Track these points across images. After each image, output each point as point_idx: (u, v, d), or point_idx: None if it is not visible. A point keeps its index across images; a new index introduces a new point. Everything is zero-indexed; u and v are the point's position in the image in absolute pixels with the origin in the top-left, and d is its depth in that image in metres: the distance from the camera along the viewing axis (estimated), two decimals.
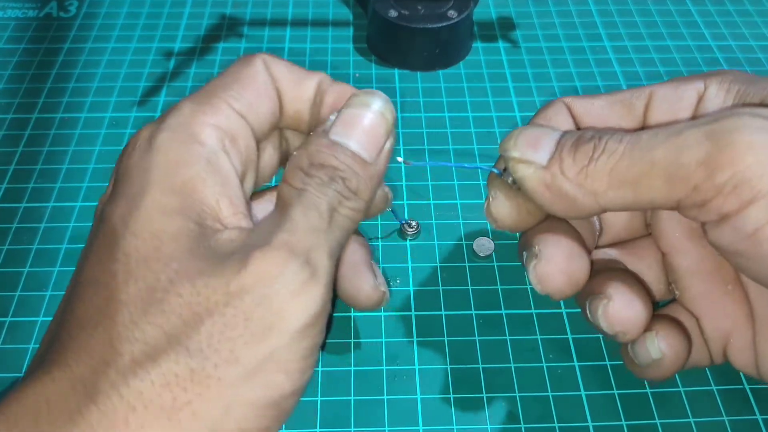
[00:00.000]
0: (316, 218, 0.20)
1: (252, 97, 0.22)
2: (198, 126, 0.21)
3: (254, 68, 0.23)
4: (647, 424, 0.27)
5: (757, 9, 0.49)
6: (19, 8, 0.48)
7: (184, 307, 0.18)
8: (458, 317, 0.31)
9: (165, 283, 0.18)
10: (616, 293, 0.24)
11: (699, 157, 0.19)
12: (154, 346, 0.17)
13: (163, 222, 0.19)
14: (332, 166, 0.21)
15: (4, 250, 0.33)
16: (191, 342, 0.17)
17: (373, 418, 0.27)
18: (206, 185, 0.20)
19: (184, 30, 0.46)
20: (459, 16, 0.42)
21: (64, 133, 0.39)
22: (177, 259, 0.18)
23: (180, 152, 0.20)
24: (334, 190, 0.20)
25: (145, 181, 0.20)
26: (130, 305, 0.18)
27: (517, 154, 0.22)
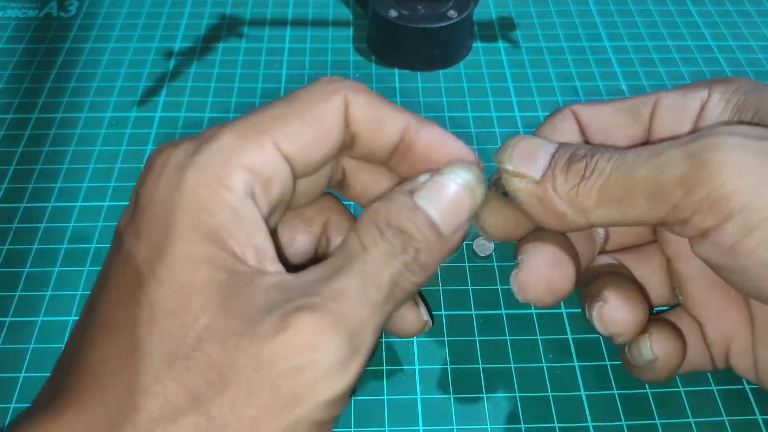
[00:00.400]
0: (374, 291, 0.19)
1: (310, 138, 0.21)
2: (230, 167, 0.19)
3: (330, 105, 0.21)
4: (647, 424, 0.27)
5: (757, 9, 0.49)
6: (19, 8, 0.48)
7: (211, 368, 0.17)
8: (458, 317, 0.31)
9: (192, 340, 0.17)
10: (611, 296, 0.25)
11: (677, 177, 0.20)
12: (175, 405, 0.17)
13: (193, 272, 0.18)
14: (409, 234, 0.20)
15: (4, 250, 0.33)
16: (213, 405, 0.17)
17: (373, 418, 0.27)
18: (231, 235, 0.19)
19: (184, 30, 0.46)
20: (459, 16, 0.42)
21: (64, 133, 0.39)
22: (207, 314, 0.18)
23: (206, 197, 0.19)
24: (401, 262, 0.20)
25: (171, 223, 0.19)
26: (154, 358, 0.17)
27: (510, 167, 0.22)
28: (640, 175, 0.20)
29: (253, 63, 0.44)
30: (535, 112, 0.41)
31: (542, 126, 0.26)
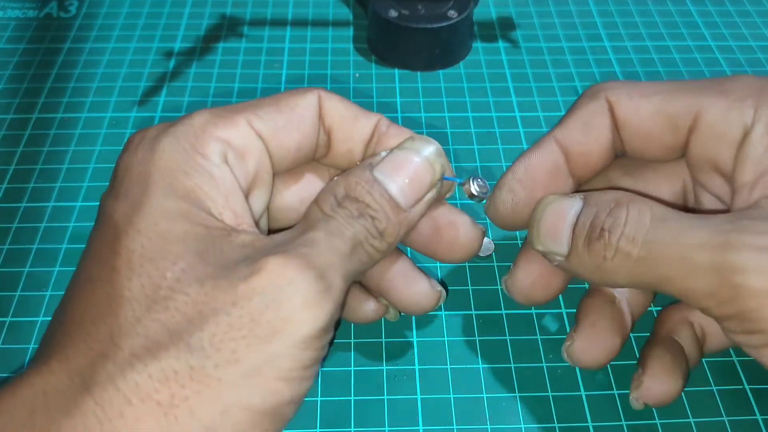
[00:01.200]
0: (339, 243, 0.20)
1: (283, 122, 0.22)
2: (203, 137, 0.20)
3: (303, 98, 0.23)
4: (647, 424, 0.27)
5: (757, 9, 0.49)
6: (19, 8, 0.48)
7: (190, 306, 0.18)
8: (458, 317, 0.31)
9: (171, 281, 0.18)
10: (578, 336, 0.26)
11: (707, 290, 0.20)
12: (155, 341, 0.17)
13: (170, 224, 0.19)
14: (365, 203, 0.21)
15: (4, 250, 0.33)
16: (193, 339, 0.17)
17: (373, 418, 0.27)
18: (208, 196, 0.20)
19: (184, 30, 0.46)
20: (459, 16, 0.42)
21: (64, 133, 0.39)
22: (184, 260, 0.18)
23: (181, 161, 0.20)
24: (361, 225, 0.20)
25: (147, 182, 0.19)
26: (134, 301, 0.18)
27: (541, 248, 0.23)
28: (669, 272, 0.20)
29: (253, 63, 0.44)
30: (535, 112, 0.41)
31: (574, 113, 0.25)
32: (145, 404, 0.17)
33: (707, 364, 0.29)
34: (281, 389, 0.18)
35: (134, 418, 0.17)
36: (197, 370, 0.17)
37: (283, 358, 0.18)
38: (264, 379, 0.17)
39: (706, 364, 0.29)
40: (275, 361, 0.18)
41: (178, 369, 0.17)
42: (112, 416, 0.17)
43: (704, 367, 0.29)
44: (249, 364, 0.17)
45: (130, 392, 0.17)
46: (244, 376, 0.17)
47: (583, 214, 0.22)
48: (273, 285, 0.18)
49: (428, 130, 0.39)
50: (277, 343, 0.18)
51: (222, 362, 0.17)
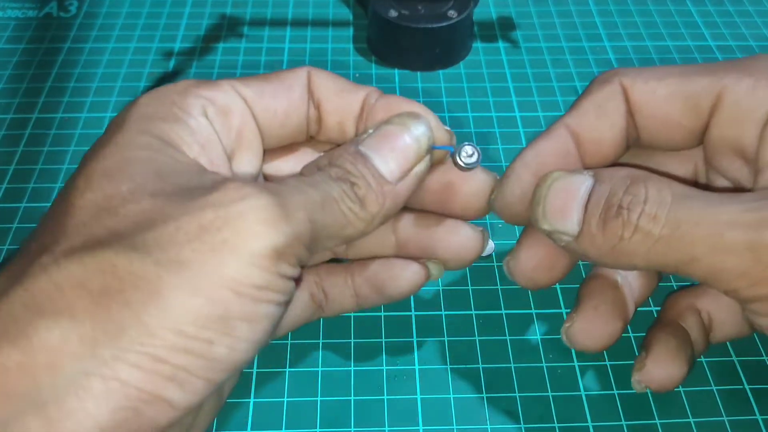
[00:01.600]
0: (310, 190, 0.19)
1: (270, 90, 0.22)
2: (184, 94, 0.21)
3: (292, 72, 0.23)
4: (647, 424, 0.27)
5: (757, 9, 0.49)
6: (19, 8, 0.48)
7: (139, 214, 0.17)
8: (458, 317, 0.31)
9: (125, 193, 0.18)
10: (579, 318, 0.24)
11: (739, 269, 0.19)
12: (98, 239, 0.17)
13: (135, 151, 0.19)
14: (346, 170, 0.21)
15: (4, 250, 0.33)
16: (137, 239, 0.17)
17: (373, 418, 0.27)
18: (183, 141, 0.20)
19: (184, 30, 0.46)
20: (459, 16, 0.42)
21: (64, 133, 0.39)
22: (143, 176, 0.18)
23: (158, 109, 0.20)
24: (338, 186, 0.20)
25: (120, 126, 0.20)
26: (83, 209, 0.18)
27: (547, 227, 0.21)
28: (698, 252, 0.19)
29: (253, 63, 0.44)
30: (535, 112, 0.41)
31: (586, 98, 0.23)
32: (76, 292, 0.16)
33: (707, 364, 0.29)
34: (229, 298, 0.17)
35: (63, 304, 0.16)
36: (136, 265, 0.16)
37: (229, 268, 0.17)
38: (208, 283, 0.17)
39: (706, 364, 0.29)
40: (221, 270, 0.17)
41: (117, 263, 0.16)
42: (40, 301, 0.16)
43: (704, 367, 0.29)
44: (193, 268, 0.17)
45: (62, 280, 0.16)
46: (187, 278, 0.17)
47: (595, 192, 0.20)
48: (227, 201, 0.17)
49: None
50: (223, 253, 0.17)
51: (164, 261, 0.17)
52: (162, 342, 0.16)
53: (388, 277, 0.25)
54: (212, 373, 0.17)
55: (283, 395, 0.28)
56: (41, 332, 0.16)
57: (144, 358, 0.16)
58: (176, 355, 0.16)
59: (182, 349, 0.16)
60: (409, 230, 0.25)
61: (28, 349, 0.16)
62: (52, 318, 0.16)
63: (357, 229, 0.21)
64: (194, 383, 0.17)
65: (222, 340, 0.17)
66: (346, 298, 0.25)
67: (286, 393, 0.28)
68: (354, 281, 0.25)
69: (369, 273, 0.25)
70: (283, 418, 0.27)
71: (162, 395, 0.16)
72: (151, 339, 0.16)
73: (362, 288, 0.25)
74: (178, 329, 0.16)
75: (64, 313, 0.16)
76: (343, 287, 0.25)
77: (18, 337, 0.16)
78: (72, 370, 0.16)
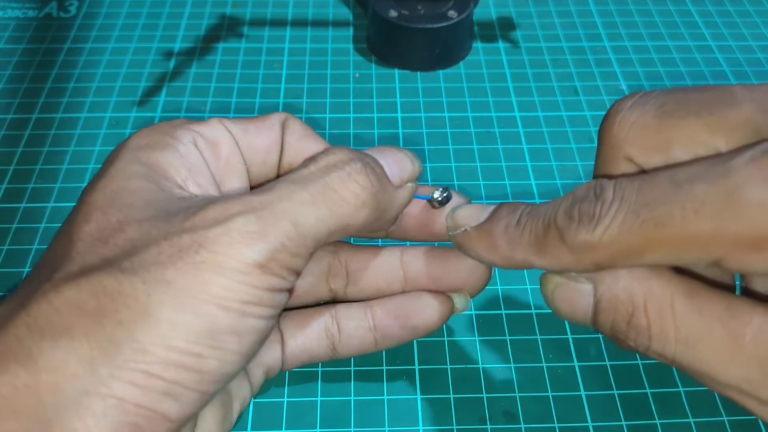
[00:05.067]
0: (299, 191, 0.20)
1: (253, 128, 0.23)
2: (175, 127, 0.22)
3: (271, 115, 0.24)
4: (647, 424, 0.27)
5: (757, 9, 0.49)
6: (19, 8, 0.48)
7: (126, 241, 0.19)
8: (458, 317, 0.31)
9: (114, 224, 0.19)
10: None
11: None
12: (90, 266, 0.18)
13: (126, 182, 0.20)
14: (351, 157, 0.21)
15: (4, 250, 0.33)
16: (124, 263, 0.18)
17: (373, 418, 0.27)
18: (171, 165, 0.21)
19: (184, 30, 0.46)
20: (459, 16, 0.42)
21: (64, 133, 0.39)
22: (130, 207, 0.19)
23: (150, 140, 0.21)
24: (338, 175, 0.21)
25: (115, 158, 0.21)
26: (80, 242, 0.19)
27: None
28: None
29: (253, 63, 0.44)
30: (535, 112, 0.41)
31: None
32: (73, 313, 0.17)
33: None
34: (216, 313, 0.18)
35: (62, 325, 0.17)
36: (126, 285, 0.18)
37: (213, 285, 0.18)
38: (195, 300, 0.18)
39: None
40: (206, 287, 0.18)
41: (108, 285, 0.18)
42: (42, 324, 0.17)
43: None
44: (179, 286, 0.18)
45: (60, 303, 0.18)
46: (174, 296, 0.18)
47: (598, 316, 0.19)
48: (204, 223, 0.19)
49: (428, 130, 0.39)
50: (206, 271, 0.18)
51: (151, 281, 0.18)
52: (154, 358, 0.17)
53: (414, 308, 0.25)
54: (204, 385, 0.18)
55: (283, 395, 0.28)
56: (45, 353, 0.17)
57: (138, 374, 0.17)
58: (169, 369, 0.17)
59: (174, 363, 0.17)
60: (417, 263, 0.25)
61: (33, 370, 0.17)
62: (53, 339, 0.17)
63: (361, 217, 0.21)
64: (188, 396, 0.18)
65: (212, 354, 0.18)
66: (362, 332, 0.25)
67: (286, 393, 0.28)
68: (374, 315, 0.25)
69: (392, 305, 0.25)
70: (283, 418, 0.27)
71: (158, 409, 0.17)
72: (144, 356, 0.17)
73: (384, 320, 0.25)
74: (169, 345, 0.17)
75: (63, 335, 0.17)
76: (360, 320, 0.25)
77: (25, 358, 0.17)
78: (73, 389, 0.17)
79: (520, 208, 0.20)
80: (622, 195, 0.17)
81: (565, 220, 0.18)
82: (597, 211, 0.17)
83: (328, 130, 0.39)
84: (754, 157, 0.16)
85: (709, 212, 0.16)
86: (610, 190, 0.18)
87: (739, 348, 0.17)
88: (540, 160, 0.38)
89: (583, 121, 0.40)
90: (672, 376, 0.29)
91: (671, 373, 0.29)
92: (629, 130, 0.19)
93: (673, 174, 0.17)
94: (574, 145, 0.39)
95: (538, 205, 0.20)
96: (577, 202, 0.18)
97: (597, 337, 0.30)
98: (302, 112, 0.40)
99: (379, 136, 0.39)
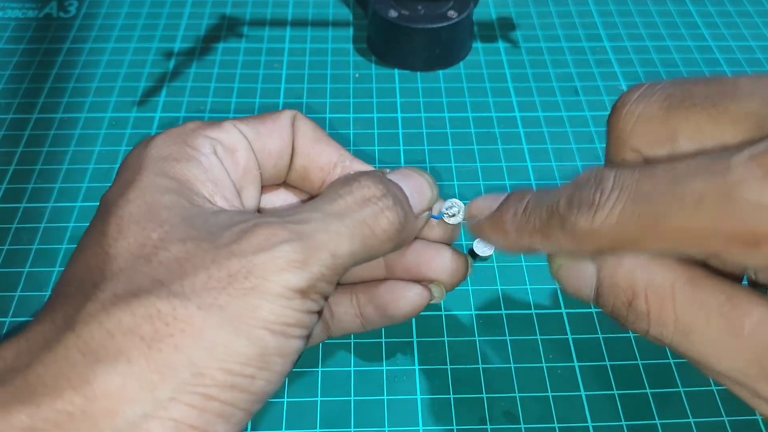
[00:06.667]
0: (336, 224, 0.20)
1: (265, 129, 0.23)
2: (193, 135, 0.22)
3: (280, 114, 0.24)
4: (647, 424, 0.27)
5: (757, 9, 0.49)
6: (19, 8, 0.48)
7: (172, 261, 0.18)
8: (458, 317, 0.31)
9: (156, 240, 0.19)
10: None
11: None
12: (138, 286, 0.18)
13: (159, 195, 0.20)
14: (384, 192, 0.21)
15: (4, 250, 0.33)
16: (175, 286, 0.18)
17: (373, 418, 0.27)
18: (198, 179, 0.21)
19: (184, 30, 0.46)
20: (459, 16, 0.42)
21: (64, 133, 0.39)
22: (170, 223, 0.19)
23: (172, 150, 0.21)
24: (370, 210, 0.21)
25: (140, 167, 0.21)
26: (119, 257, 0.19)
27: None
28: None
29: (253, 63, 0.44)
30: (535, 112, 0.41)
31: None
32: (128, 338, 0.17)
33: None
34: (266, 337, 0.18)
35: (117, 350, 0.17)
36: (180, 309, 0.17)
37: (261, 310, 0.18)
38: (247, 325, 0.18)
39: None
40: (255, 312, 0.18)
41: (161, 309, 0.17)
42: (95, 348, 0.17)
43: None
44: (231, 310, 0.18)
45: (113, 327, 0.17)
46: (228, 320, 0.18)
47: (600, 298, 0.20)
48: (252, 249, 0.19)
49: (428, 130, 0.39)
50: (254, 297, 0.18)
51: (205, 305, 0.18)
52: (212, 381, 0.17)
53: (390, 298, 0.25)
54: (252, 404, 0.19)
55: (284, 395, 0.28)
56: (101, 378, 0.17)
57: (197, 397, 0.17)
58: (225, 392, 0.18)
59: (230, 385, 0.18)
60: (396, 254, 0.26)
61: (90, 395, 0.17)
62: (110, 363, 0.17)
63: (385, 249, 0.22)
64: (237, 416, 0.18)
65: (262, 375, 0.19)
66: (350, 317, 0.26)
67: (286, 393, 0.28)
68: (359, 302, 0.26)
69: (373, 293, 0.26)
70: (283, 418, 0.27)
71: (211, 430, 0.18)
72: (202, 379, 0.17)
73: (366, 308, 0.26)
74: (226, 368, 0.18)
75: (120, 359, 0.17)
76: (347, 307, 0.26)
77: (80, 383, 0.17)
78: (131, 414, 0.17)
79: (527, 196, 0.21)
80: (621, 185, 0.17)
81: (566, 207, 0.18)
82: (596, 198, 0.17)
83: (328, 130, 0.39)
84: (753, 156, 0.16)
85: (706, 208, 0.16)
86: (610, 179, 0.18)
87: (737, 340, 0.17)
88: (540, 160, 0.38)
89: (583, 121, 0.40)
90: (672, 376, 0.29)
91: (671, 373, 0.29)
92: (635, 123, 0.19)
93: (674, 168, 0.17)
94: (575, 146, 0.39)
95: (544, 192, 0.20)
96: (578, 189, 0.18)
97: (597, 337, 0.30)
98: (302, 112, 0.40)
99: (379, 136, 0.39)
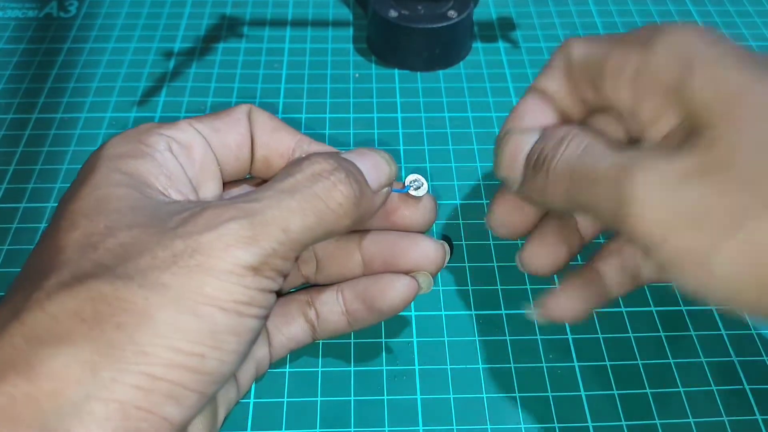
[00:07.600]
0: (288, 200, 0.20)
1: (222, 126, 0.24)
2: (148, 133, 0.22)
3: (235, 109, 0.24)
4: (647, 424, 0.27)
5: (756, 9, 0.49)
6: (19, 8, 0.48)
7: (118, 246, 0.18)
8: (458, 317, 0.31)
9: (103, 229, 0.19)
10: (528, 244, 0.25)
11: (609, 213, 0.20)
12: (84, 272, 0.18)
13: (110, 189, 0.20)
14: (335, 167, 0.21)
15: (4, 250, 0.33)
16: (118, 269, 0.18)
17: (373, 418, 0.27)
18: (151, 174, 0.21)
19: (184, 30, 0.46)
20: (459, 16, 0.42)
21: (64, 133, 0.39)
22: (118, 212, 0.19)
23: (127, 148, 0.22)
24: (323, 185, 0.21)
25: (93, 167, 0.21)
26: (68, 248, 0.19)
27: (502, 175, 0.24)
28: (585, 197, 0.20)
29: (253, 63, 0.44)
30: None
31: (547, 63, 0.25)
32: (71, 321, 0.17)
33: (707, 364, 0.29)
34: (215, 314, 0.18)
35: (60, 333, 0.17)
36: (123, 290, 0.17)
37: (207, 287, 0.18)
38: (192, 302, 0.18)
39: (706, 364, 0.29)
40: (202, 288, 0.18)
41: (104, 291, 0.17)
42: (39, 333, 0.17)
43: (704, 367, 0.29)
44: (176, 289, 0.18)
45: (56, 311, 0.17)
46: (172, 298, 0.18)
47: (536, 146, 0.23)
48: (197, 229, 0.19)
49: (428, 130, 0.39)
50: (201, 274, 0.18)
51: (148, 285, 0.18)
52: (157, 360, 0.17)
53: (378, 291, 0.25)
54: (205, 386, 0.18)
55: (283, 395, 0.28)
56: (45, 361, 0.17)
57: (141, 377, 0.17)
58: (172, 371, 0.17)
59: (177, 365, 0.17)
60: (373, 247, 0.26)
61: (33, 378, 0.17)
62: (54, 346, 0.17)
63: (344, 224, 0.22)
64: (189, 398, 0.18)
65: (213, 354, 0.18)
66: (336, 316, 0.26)
67: (286, 393, 0.28)
68: (344, 299, 0.26)
69: (359, 288, 0.26)
70: (283, 418, 0.27)
71: (160, 413, 0.17)
72: (145, 358, 0.17)
73: (353, 304, 0.26)
74: (171, 346, 0.17)
75: (63, 342, 0.17)
76: (333, 305, 0.26)
77: (23, 367, 0.17)
78: (75, 395, 0.17)
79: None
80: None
81: None
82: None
83: (328, 130, 0.39)
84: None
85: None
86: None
87: None
88: None
89: None
90: (672, 376, 0.29)
91: (671, 373, 0.29)
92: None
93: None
94: None
95: None
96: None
97: (597, 337, 0.30)
98: (302, 112, 0.40)
99: (379, 136, 0.39)
